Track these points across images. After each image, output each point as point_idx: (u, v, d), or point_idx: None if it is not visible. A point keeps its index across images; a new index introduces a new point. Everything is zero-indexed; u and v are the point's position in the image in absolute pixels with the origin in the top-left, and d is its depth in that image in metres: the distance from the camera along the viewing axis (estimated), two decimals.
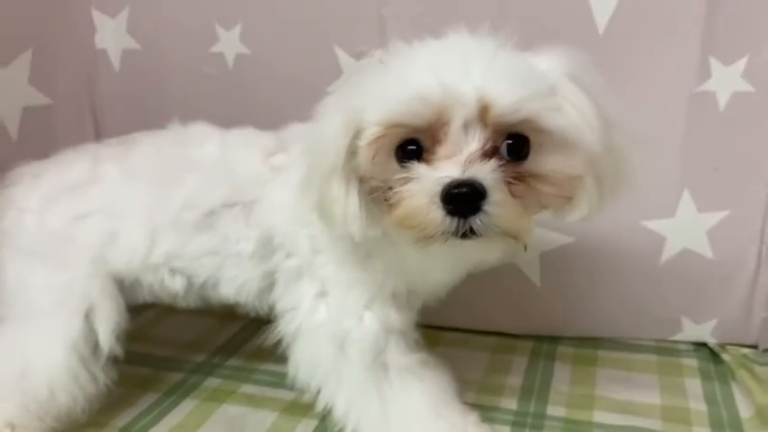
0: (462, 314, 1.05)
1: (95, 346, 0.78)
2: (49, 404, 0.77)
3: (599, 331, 1.03)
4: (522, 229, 0.62)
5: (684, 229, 0.95)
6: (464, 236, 0.60)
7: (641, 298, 1.00)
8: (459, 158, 0.60)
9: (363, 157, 0.63)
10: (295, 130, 0.81)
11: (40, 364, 0.76)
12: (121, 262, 0.80)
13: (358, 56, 0.98)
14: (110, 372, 0.80)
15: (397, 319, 0.76)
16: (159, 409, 0.88)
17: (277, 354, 0.80)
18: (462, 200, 0.59)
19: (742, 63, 0.87)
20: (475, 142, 0.61)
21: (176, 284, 0.82)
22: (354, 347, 0.75)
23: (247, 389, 0.92)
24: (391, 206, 0.63)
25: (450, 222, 0.60)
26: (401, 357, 0.77)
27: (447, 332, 1.05)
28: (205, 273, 0.81)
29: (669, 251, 0.97)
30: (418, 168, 0.61)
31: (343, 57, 0.99)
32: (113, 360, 0.80)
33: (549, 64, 0.64)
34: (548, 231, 0.98)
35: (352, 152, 0.64)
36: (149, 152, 0.83)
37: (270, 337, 0.80)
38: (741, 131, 0.90)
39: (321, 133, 0.66)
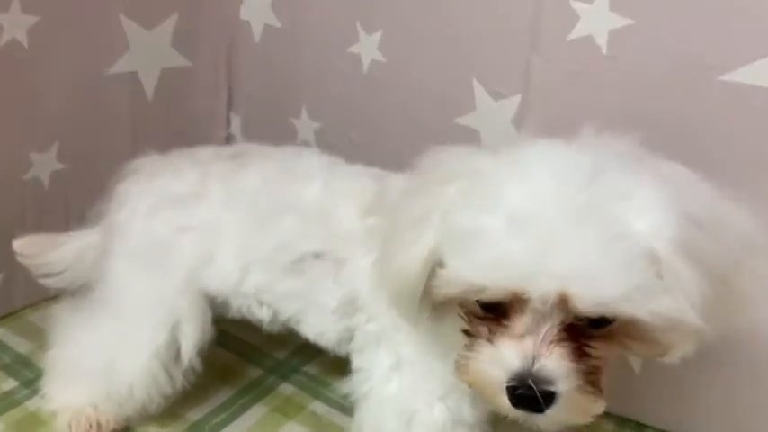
0: None
1: (177, 354, 0.82)
2: (127, 399, 0.83)
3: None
4: (591, 414, 0.59)
5: None
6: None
7: (747, 420, 0.90)
8: (530, 342, 0.56)
9: (438, 292, 0.60)
10: (394, 185, 0.75)
11: (123, 363, 0.82)
12: (214, 283, 0.81)
13: (496, 96, 0.90)
14: (189, 376, 0.84)
15: (469, 413, 0.74)
16: (233, 408, 0.92)
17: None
18: (527, 401, 0.56)
19: None
20: (551, 322, 0.56)
21: (263, 314, 0.83)
22: (420, 430, 0.74)
23: (317, 407, 0.94)
24: (462, 362, 0.62)
25: (516, 411, 0.58)
26: None
27: None
28: (290, 311, 0.81)
29: None
30: (486, 347, 0.59)
31: (479, 92, 0.92)
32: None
33: (652, 223, 0.53)
34: None
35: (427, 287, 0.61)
36: (257, 179, 0.82)
37: (340, 387, 0.80)
38: None
39: (402, 254, 0.61)
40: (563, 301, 0.54)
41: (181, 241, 0.81)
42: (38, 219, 1.02)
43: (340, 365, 0.95)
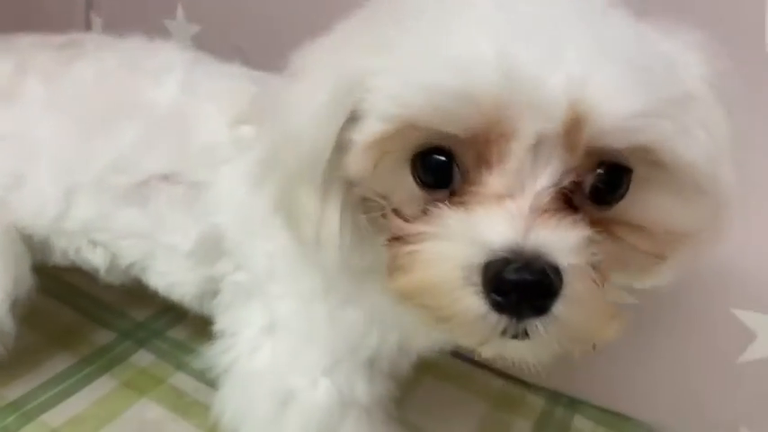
0: None
1: None
2: None
3: (631, 410, 0.82)
4: (601, 332, 0.39)
5: None
6: (513, 336, 0.37)
7: (698, 390, 0.78)
8: (520, 203, 0.36)
9: (358, 160, 0.39)
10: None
11: None
12: (27, 215, 0.61)
13: None
14: (3, 339, 0.63)
15: (364, 392, 0.56)
16: (66, 384, 0.72)
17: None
18: (522, 292, 0.35)
19: None
20: (549, 174, 0.37)
21: (97, 259, 0.63)
22: (299, 415, 0.56)
23: (179, 380, 0.75)
24: (396, 262, 0.40)
25: (495, 321, 0.36)
26: None
27: (452, 358, 0.85)
28: (132, 255, 0.62)
29: (755, 352, 0.73)
30: (447, 213, 0.37)
31: None
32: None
33: (684, 55, 0.39)
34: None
35: (339, 146, 0.40)
36: (91, 74, 0.61)
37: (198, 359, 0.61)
38: None
39: (295, 107, 0.41)
40: (573, 128, 0.35)
41: None
42: None
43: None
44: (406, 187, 0.40)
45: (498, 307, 0.35)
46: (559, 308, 0.35)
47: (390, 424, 0.60)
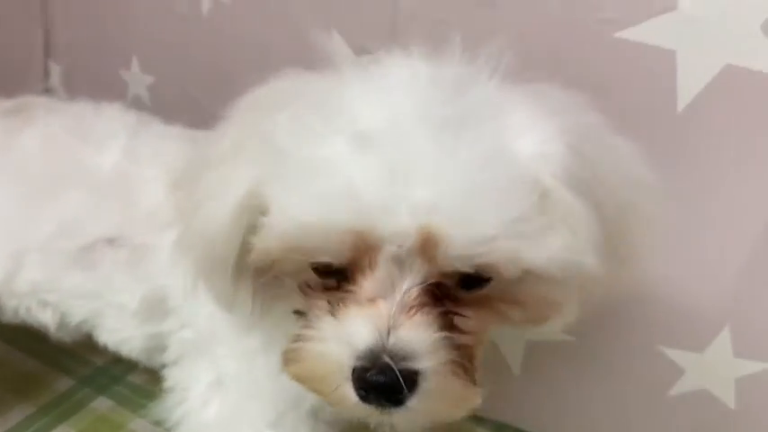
0: None
1: None
2: None
3: None
4: (454, 413, 0.45)
5: (711, 368, 0.75)
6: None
7: (633, 424, 0.82)
8: (388, 305, 0.41)
9: (259, 259, 0.44)
10: None
11: None
12: None
13: (360, 51, 0.75)
14: None
15: None
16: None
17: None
18: (379, 391, 0.41)
19: None
20: (412, 279, 0.41)
21: (47, 318, 0.65)
22: None
23: (138, 425, 0.77)
24: (288, 352, 0.45)
25: (365, 407, 0.42)
26: None
27: None
28: (81, 314, 0.64)
29: (684, 386, 0.77)
30: (324, 321, 0.43)
31: (340, 44, 0.76)
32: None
33: (532, 144, 0.42)
34: None
35: (244, 245, 0.44)
36: (38, 143, 0.64)
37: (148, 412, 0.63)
38: None
39: (205, 214, 0.45)
40: (426, 246, 0.39)
41: None
42: None
43: None
44: (308, 273, 0.45)
45: (364, 399, 0.41)
46: (414, 401, 0.41)
47: None
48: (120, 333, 0.64)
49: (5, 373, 0.78)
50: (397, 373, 0.40)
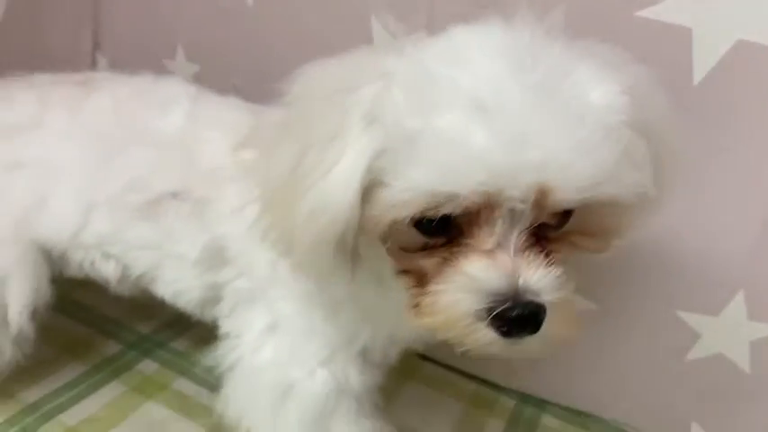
0: (450, 349, 0.92)
1: (4, 320, 0.67)
2: None
3: (593, 408, 0.90)
4: (570, 336, 0.50)
5: (726, 332, 0.79)
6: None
7: (653, 389, 0.86)
8: (505, 254, 0.47)
9: (371, 223, 0.48)
10: (275, 118, 0.64)
11: None
12: (48, 231, 0.68)
13: (395, 34, 0.80)
14: (23, 346, 0.70)
15: (357, 380, 0.64)
16: (78, 389, 0.79)
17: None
18: (517, 324, 0.46)
19: None
20: (523, 227, 0.47)
21: (109, 271, 0.70)
22: (297, 404, 0.63)
23: (182, 385, 0.82)
24: (418, 305, 0.50)
25: (501, 341, 0.47)
26: (349, 426, 0.65)
27: (428, 363, 0.93)
28: (142, 266, 0.69)
29: (700, 351, 0.81)
30: (460, 265, 0.47)
31: (378, 30, 0.82)
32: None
33: (604, 96, 0.48)
34: None
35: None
36: (106, 106, 0.69)
37: (204, 361, 0.68)
38: None
39: (324, 185, 0.48)
40: (541, 198, 0.45)
41: (9, 180, 0.67)
42: None
43: (212, 341, 0.84)
44: (408, 234, 0.49)
45: (502, 334, 0.46)
46: (545, 328, 0.46)
47: (377, 413, 0.67)
48: (179, 284, 0.68)
49: (57, 337, 0.82)
50: (534, 307, 0.46)
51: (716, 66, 0.69)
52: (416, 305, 0.49)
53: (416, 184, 0.44)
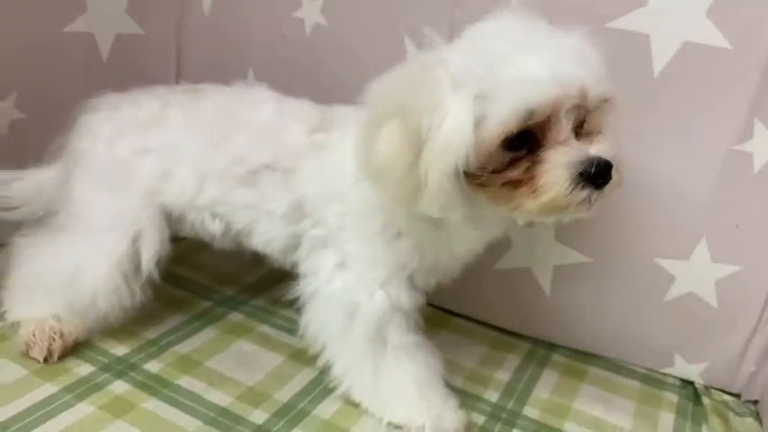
0: (471, 304, 1.13)
1: (137, 267, 0.89)
2: (90, 308, 0.89)
3: (595, 348, 1.09)
4: (618, 190, 0.72)
5: (695, 274, 0.98)
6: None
7: (641, 327, 1.05)
8: (571, 142, 0.69)
9: (480, 149, 0.67)
10: (339, 112, 0.88)
11: (87, 273, 0.88)
12: (172, 197, 0.90)
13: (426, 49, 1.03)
14: (147, 290, 0.91)
15: (406, 299, 0.84)
16: (185, 330, 1.00)
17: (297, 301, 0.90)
18: (602, 176, 0.68)
19: None
20: (570, 125, 0.69)
21: (215, 227, 0.92)
22: (361, 320, 0.84)
23: (264, 329, 1.03)
24: (521, 195, 0.70)
25: (591, 196, 0.69)
26: (401, 336, 0.85)
27: (456, 317, 1.13)
28: (241, 222, 0.90)
29: (676, 291, 1.01)
30: (553, 155, 0.68)
31: (411, 48, 1.05)
32: (152, 281, 0.91)
33: (588, 46, 0.71)
34: (567, 248, 1.04)
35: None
36: (213, 106, 0.91)
37: (289, 292, 0.89)
38: None
39: (444, 132, 0.67)
40: (583, 99, 0.68)
41: (141, 161, 0.90)
42: None
43: (284, 301, 1.06)
44: (498, 156, 0.69)
45: (591, 189, 0.68)
46: (608, 188, 0.69)
47: (417, 328, 0.88)
48: (269, 234, 0.89)
49: (163, 295, 1.02)
50: (606, 163, 0.68)
51: (670, 61, 0.91)
52: (534, 191, 0.68)
53: (507, 111, 0.66)
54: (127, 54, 1.21)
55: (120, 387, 0.86)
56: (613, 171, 0.68)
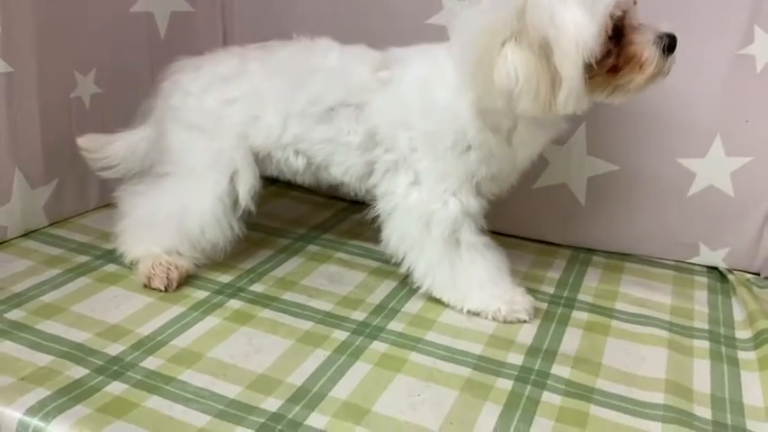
0: (515, 223, 1.28)
1: (236, 201, 1.03)
2: (199, 239, 1.02)
3: (629, 248, 1.23)
4: None
5: (712, 168, 1.13)
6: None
7: (668, 224, 1.20)
8: (642, 26, 0.85)
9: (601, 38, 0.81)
10: (397, 52, 1.01)
11: (194, 209, 1.01)
12: (260, 139, 1.03)
13: None
14: (242, 225, 1.05)
15: (474, 205, 0.98)
16: (275, 260, 1.13)
17: (362, 234, 1.07)
18: (675, 46, 0.85)
19: None
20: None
21: (298, 163, 1.05)
22: (437, 226, 0.97)
23: (341, 255, 1.17)
24: (628, 73, 0.85)
25: (670, 60, 0.86)
26: (471, 236, 0.99)
27: (500, 236, 1.26)
28: (321, 156, 1.03)
29: (696, 186, 1.15)
30: (638, 37, 0.84)
31: None
32: (246, 215, 1.04)
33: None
34: (598, 159, 1.18)
35: None
36: (286, 57, 1.04)
37: (369, 214, 1.03)
38: None
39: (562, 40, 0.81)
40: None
41: (230, 110, 1.03)
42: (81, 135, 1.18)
43: (351, 234, 1.23)
44: (601, 47, 0.82)
45: (670, 55, 0.85)
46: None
47: (482, 230, 1.02)
48: (346, 163, 1.02)
49: (250, 239, 1.14)
50: (674, 36, 0.85)
51: None
52: (640, 66, 0.84)
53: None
54: (180, 31, 1.34)
55: (235, 304, 0.99)
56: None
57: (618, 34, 0.83)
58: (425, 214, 0.98)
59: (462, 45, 0.89)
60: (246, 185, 1.02)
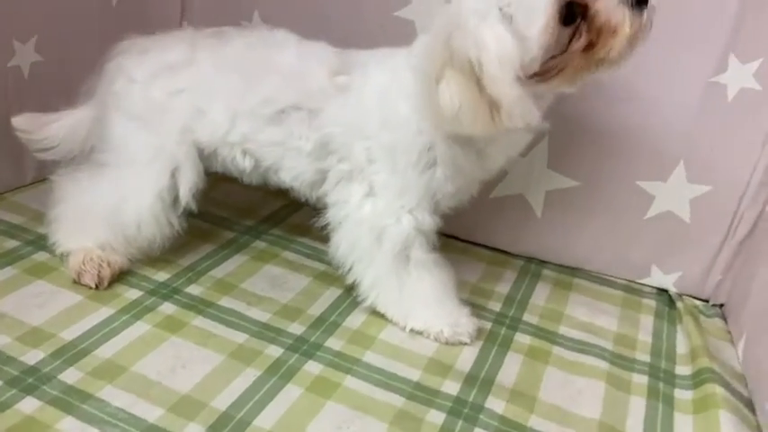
0: (469, 229, 1.25)
1: (176, 199, 0.98)
2: (135, 236, 0.97)
3: (581, 263, 1.22)
4: None
5: (672, 193, 1.11)
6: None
7: (622, 243, 1.18)
8: None
9: (542, 40, 0.76)
10: (357, 55, 0.96)
11: (132, 203, 0.96)
12: (205, 134, 0.97)
13: None
14: (183, 221, 1.00)
15: (429, 222, 0.95)
16: (216, 257, 1.09)
17: (311, 231, 1.03)
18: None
19: (756, 64, 1.01)
20: None
21: (245, 163, 0.99)
22: (389, 240, 0.94)
23: (288, 255, 1.13)
24: (606, 44, 0.78)
25: (647, 13, 0.78)
26: (422, 254, 0.96)
27: (453, 240, 1.24)
28: (270, 159, 0.98)
29: (654, 209, 1.13)
30: (602, 3, 0.77)
31: None
32: (186, 213, 0.99)
33: None
34: (558, 174, 1.15)
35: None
36: (240, 49, 0.98)
37: (318, 221, 0.99)
38: (742, 122, 1.04)
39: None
40: None
41: (175, 102, 0.96)
42: (18, 106, 1.10)
43: (300, 230, 1.17)
44: (561, 35, 0.76)
45: (642, 9, 0.77)
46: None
47: (435, 247, 0.99)
48: (296, 170, 0.97)
49: (192, 231, 1.08)
50: None
51: None
52: (613, 32, 0.77)
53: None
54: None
55: (168, 308, 0.95)
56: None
57: (583, 11, 0.77)
58: (377, 228, 0.94)
59: (414, 70, 0.86)
60: (188, 183, 0.97)
